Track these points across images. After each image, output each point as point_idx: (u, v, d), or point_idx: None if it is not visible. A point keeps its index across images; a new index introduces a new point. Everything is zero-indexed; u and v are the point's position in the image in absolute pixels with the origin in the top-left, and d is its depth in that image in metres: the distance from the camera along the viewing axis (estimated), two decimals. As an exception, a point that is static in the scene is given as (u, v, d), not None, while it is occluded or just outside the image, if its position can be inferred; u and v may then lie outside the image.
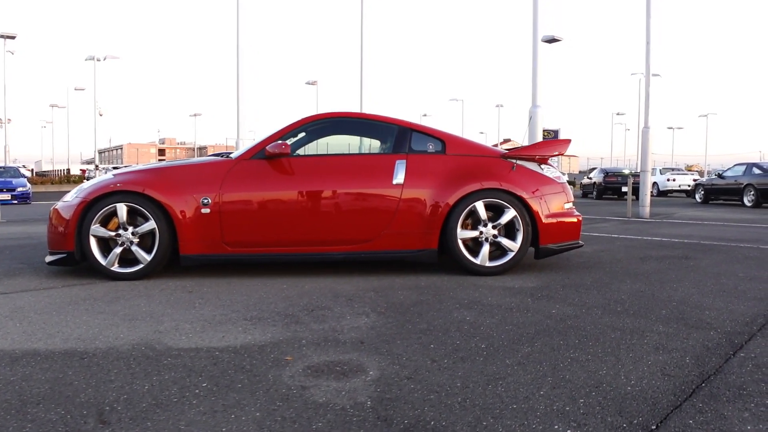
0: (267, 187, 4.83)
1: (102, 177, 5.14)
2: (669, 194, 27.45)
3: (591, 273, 4.99)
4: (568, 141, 5.20)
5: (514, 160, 5.03)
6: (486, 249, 4.84)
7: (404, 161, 4.90)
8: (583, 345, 2.90)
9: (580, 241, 5.16)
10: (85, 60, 34.69)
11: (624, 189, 22.70)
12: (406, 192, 4.83)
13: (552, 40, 24.26)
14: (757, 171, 17.56)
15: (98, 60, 34.59)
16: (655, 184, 27.60)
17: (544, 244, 4.92)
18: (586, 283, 4.50)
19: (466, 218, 4.89)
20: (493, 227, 4.86)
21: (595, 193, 24.22)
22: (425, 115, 65.78)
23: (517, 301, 3.90)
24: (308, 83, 39.52)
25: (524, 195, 4.85)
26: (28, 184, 21.96)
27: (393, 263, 5.40)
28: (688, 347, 2.86)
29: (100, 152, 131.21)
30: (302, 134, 5.33)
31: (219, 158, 5.13)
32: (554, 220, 4.95)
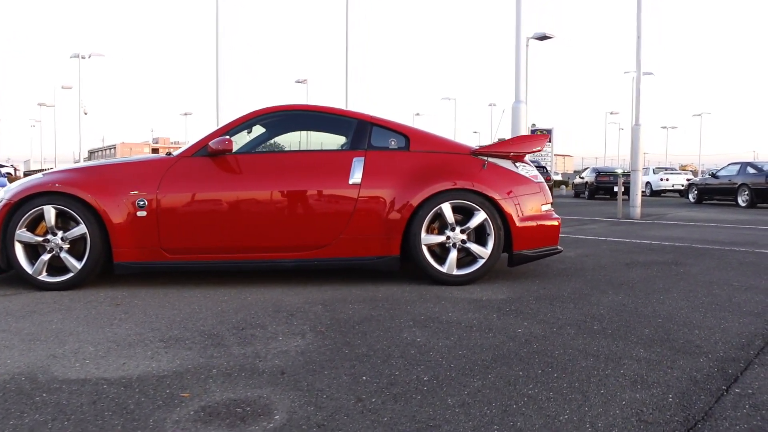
0: (209, 188, 4.34)
1: (32, 176, 4.64)
2: (662, 194, 27.02)
3: (570, 282, 4.51)
4: (546, 136, 4.72)
5: (485, 158, 4.54)
6: (453, 256, 4.35)
7: (362, 159, 4.41)
8: (546, 377, 2.41)
9: (559, 247, 4.68)
10: (70, 57, 34.12)
11: (616, 189, 22.21)
12: (364, 192, 4.34)
13: (543, 38, 23.83)
14: (751, 170, 17.12)
15: (83, 57, 33.95)
16: (648, 183, 27.17)
17: (518, 250, 4.44)
18: (563, 295, 4.02)
19: (431, 222, 4.40)
20: (462, 231, 4.37)
21: (587, 192, 23.76)
22: (418, 114, 65.27)
23: (480, 317, 3.41)
24: (298, 81, 38.95)
25: (496, 196, 4.36)
26: (8, 184, 21.34)
27: (354, 271, 4.90)
28: (671, 380, 2.37)
29: (93, 152, 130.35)
30: (251, 129, 4.85)
31: (159, 156, 4.64)
32: (529, 224, 4.47)
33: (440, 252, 4.44)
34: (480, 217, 4.35)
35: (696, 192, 19.54)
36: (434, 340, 2.94)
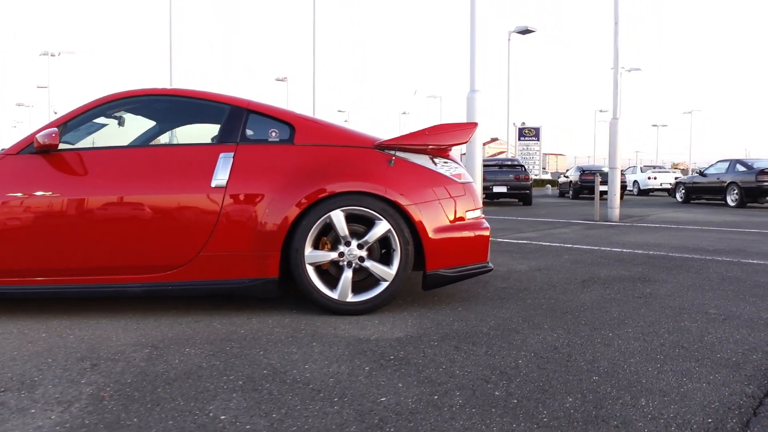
0: (35, 193, 3.35)
1: None
2: (650, 193, 26.12)
3: (501, 309, 3.53)
4: (473, 125, 3.73)
5: (393, 152, 3.55)
6: (347, 277, 3.37)
7: (231, 155, 3.43)
8: None
9: (489, 264, 3.70)
10: (40, 55, 32.94)
11: (602, 188, 21.24)
12: (231, 198, 3.36)
13: (525, 31, 22.91)
14: (741, 168, 16.18)
15: (52, 55, 32.81)
16: (635, 182, 26.32)
17: (433, 270, 3.46)
18: (481, 332, 3.04)
19: (322, 234, 3.43)
20: (360, 246, 3.39)
21: (571, 192, 22.77)
22: (405, 113, 64.15)
23: (345, 371, 2.42)
24: (278, 80, 37.86)
25: (402, 201, 3.39)
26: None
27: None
28: None
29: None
30: (122, 120, 3.90)
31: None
32: (448, 236, 3.49)
33: (336, 272, 3.47)
34: (381, 227, 3.37)
35: (683, 191, 18.61)
36: (245, 419, 1.95)
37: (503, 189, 16.23)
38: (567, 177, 24.37)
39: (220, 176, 3.37)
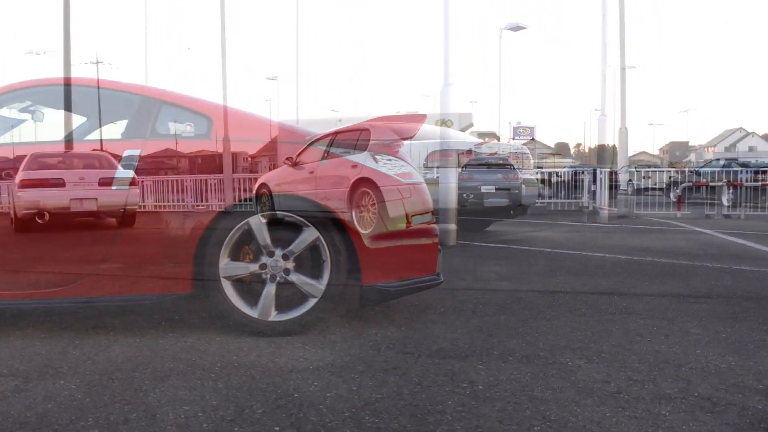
0: None
1: None
2: (645, 192, 25.62)
3: (451, 329, 3.07)
4: (422, 117, 3.27)
5: (326, 148, 3.08)
6: (269, 293, 2.91)
7: (137, 152, 2.96)
8: None
9: (439, 276, 3.22)
10: (25, 54, 32.43)
11: (594, 188, 20.66)
12: (135, 201, 2.88)
13: (517, 28, 22.45)
14: (737, 168, 15.71)
15: (37, 54, 32.27)
16: (630, 181, 25.81)
17: (371, 284, 2.98)
18: (419, 359, 2.57)
19: (243, 243, 2.96)
20: (284, 257, 2.92)
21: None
22: (398, 112, 63.53)
23: (210, 422, 1.95)
24: (269, 78, 37.26)
25: (333, 204, 2.92)
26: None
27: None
28: None
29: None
30: (39, 115, 3.45)
31: None
32: (388, 244, 3.02)
33: (260, 287, 3.00)
34: (309, 235, 2.91)
35: (678, 190, 18.12)
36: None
37: (491, 189, 15.72)
38: (560, 177, 23.86)
39: (123, 177, 2.90)
